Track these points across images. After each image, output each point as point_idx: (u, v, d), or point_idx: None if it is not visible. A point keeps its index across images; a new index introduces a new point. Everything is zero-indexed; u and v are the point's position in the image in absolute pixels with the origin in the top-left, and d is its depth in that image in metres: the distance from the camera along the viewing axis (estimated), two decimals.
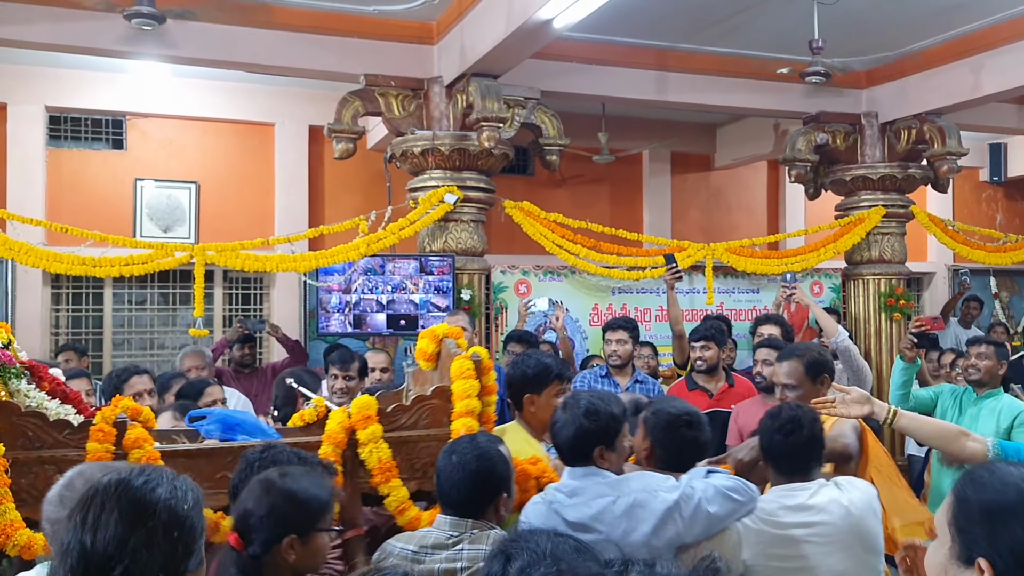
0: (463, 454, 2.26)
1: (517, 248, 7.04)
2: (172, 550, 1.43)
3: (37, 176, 6.99)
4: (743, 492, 2.32)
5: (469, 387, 2.67)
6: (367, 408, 2.62)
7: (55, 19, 5.08)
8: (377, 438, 2.59)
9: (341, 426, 2.59)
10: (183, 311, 7.46)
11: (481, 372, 2.72)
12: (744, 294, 6.99)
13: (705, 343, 4.72)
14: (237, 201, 7.63)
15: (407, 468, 2.64)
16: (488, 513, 2.26)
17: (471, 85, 5.46)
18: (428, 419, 2.67)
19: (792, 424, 2.49)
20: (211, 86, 7.27)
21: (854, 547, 2.38)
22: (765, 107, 6.93)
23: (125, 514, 1.41)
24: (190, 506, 1.48)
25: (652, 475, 2.36)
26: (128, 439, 2.43)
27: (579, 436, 2.35)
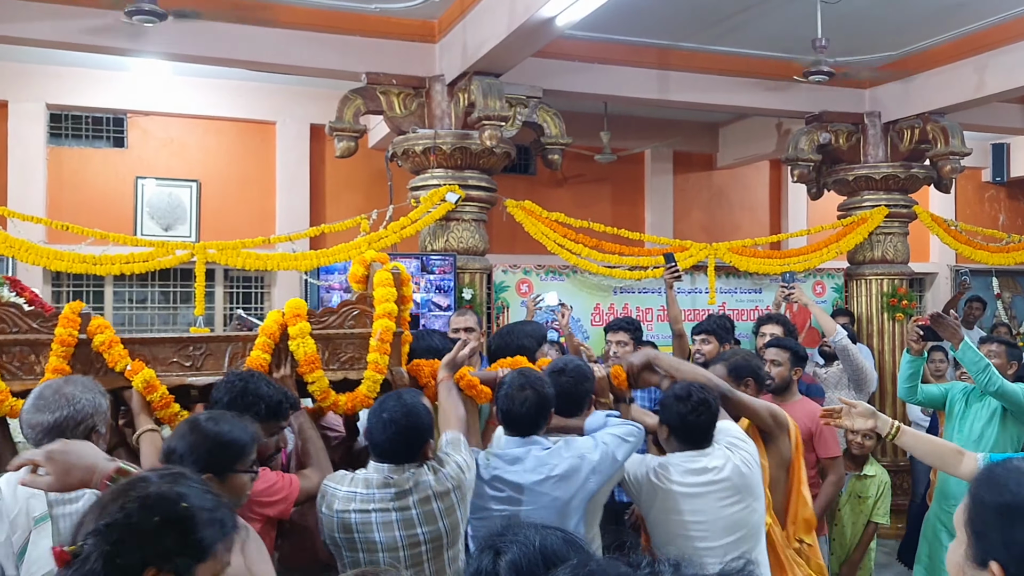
0: (392, 411, 2.55)
1: (519, 247, 7.03)
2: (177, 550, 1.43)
3: (38, 174, 6.99)
4: (635, 433, 2.89)
5: (388, 293, 3.07)
6: (298, 308, 3.02)
7: (56, 16, 5.07)
8: (305, 334, 2.97)
9: (275, 322, 2.99)
10: (184, 310, 7.45)
11: (400, 283, 3.14)
12: (746, 294, 6.98)
13: (705, 336, 4.72)
14: (238, 199, 7.62)
15: (334, 361, 3.06)
16: (418, 459, 2.57)
17: (473, 84, 5.45)
18: (353, 321, 3.08)
19: (703, 407, 2.91)
20: (212, 84, 7.26)
21: (745, 497, 2.88)
22: (768, 106, 6.91)
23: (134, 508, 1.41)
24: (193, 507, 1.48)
25: (577, 440, 2.83)
26: (91, 326, 2.87)
27: (538, 408, 2.79)
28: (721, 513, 2.84)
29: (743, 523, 2.87)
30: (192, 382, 2.93)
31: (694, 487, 2.85)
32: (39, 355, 2.84)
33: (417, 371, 3.19)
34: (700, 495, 2.84)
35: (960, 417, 4.15)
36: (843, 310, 6.80)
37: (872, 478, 4.55)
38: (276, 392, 2.67)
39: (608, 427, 2.87)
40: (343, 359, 3.06)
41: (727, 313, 6.43)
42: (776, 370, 4.20)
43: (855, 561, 4.48)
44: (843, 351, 5.19)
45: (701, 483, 2.85)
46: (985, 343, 4.39)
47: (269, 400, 2.62)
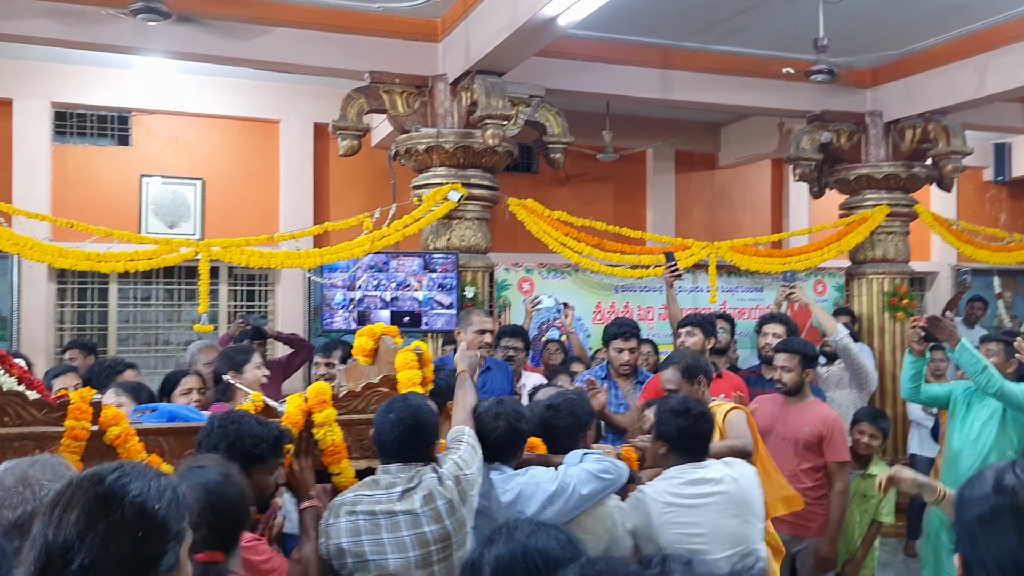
0: (399, 411, 2.58)
1: (521, 246, 7.05)
2: (136, 548, 1.39)
3: (43, 172, 7.02)
4: (612, 471, 2.79)
5: (413, 376, 2.98)
6: (322, 394, 2.87)
7: (61, 15, 5.10)
8: (331, 421, 2.84)
9: (299, 409, 2.83)
10: (188, 307, 7.48)
11: (423, 363, 3.05)
12: (747, 293, 7.00)
13: (691, 328, 4.69)
14: (242, 198, 7.65)
15: (357, 447, 2.91)
16: (424, 459, 2.59)
17: (475, 83, 5.47)
18: (377, 404, 2.89)
19: (703, 419, 2.94)
20: (216, 83, 7.29)
21: (744, 511, 2.87)
22: (769, 106, 6.92)
23: (88, 506, 1.38)
24: (163, 506, 1.44)
25: (536, 469, 2.78)
26: (105, 417, 2.64)
27: (509, 439, 2.79)
28: (721, 525, 2.81)
29: (743, 537, 2.85)
30: None
31: (693, 497, 2.83)
32: (45, 449, 2.47)
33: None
34: (699, 506, 2.82)
35: (962, 417, 4.17)
36: (844, 309, 6.82)
37: (876, 477, 4.57)
38: (265, 428, 2.53)
39: (583, 463, 2.81)
40: (365, 445, 2.90)
41: (728, 312, 6.45)
42: (787, 376, 4.20)
43: (859, 559, 4.49)
44: (844, 350, 5.21)
45: (700, 494, 2.84)
46: (984, 342, 4.41)
47: (258, 437, 2.47)
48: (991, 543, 1.25)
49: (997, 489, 1.29)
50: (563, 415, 3.04)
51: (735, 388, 4.57)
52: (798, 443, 4.14)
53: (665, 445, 2.95)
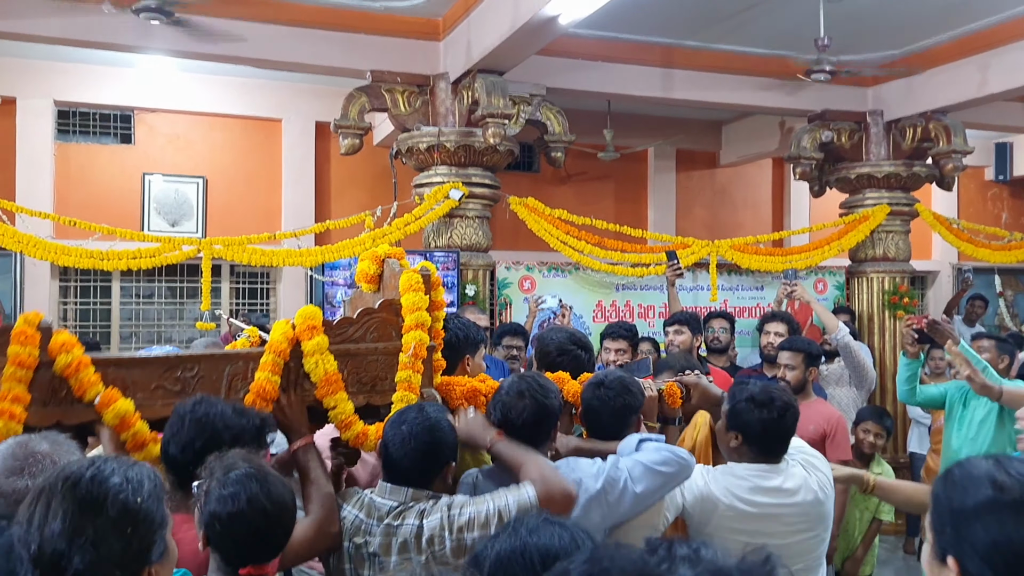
0: (412, 424, 2.22)
1: (522, 244, 7.07)
2: (127, 544, 1.39)
3: (45, 170, 7.04)
4: (674, 463, 2.32)
5: (418, 299, 2.56)
6: (312, 318, 2.47)
7: (64, 13, 5.12)
8: (323, 349, 2.46)
9: (284, 336, 2.44)
10: (190, 305, 7.51)
11: (430, 286, 2.62)
12: (748, 291, 7.01)
13: (678, 327, 4.70)
14: (244, 196, 7.68)
15: (354, 382, 2.53)
16: (435, 483, 2.24)
17: (477, 81, 5.49)
18: (376, 332, 2.57)
19: (788, 410, 2.52)
20: (219, 81, 7.32)
21: (816, 526, 2.54)
22: (770, 105, 6.93)
23: (72, 511, 1.36)
24: (144, 497, 1.43)
25: (579, 462, 2.37)
26: (55, 343, 2.25)
27: (536, 420, 2.37)
28: (787, 540, 2.47)
29: (807, 553, 2.54)
30: None
31: (763, 507, 2.46)
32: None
33: (448, 391, 2.69)
34: (768, 516, 2.46)
35: (959, 417, 4.18)
36: (844, 308, 6.83)
37: (878, 476, 4.58)
38: (245, 417, 2.16)
39: (639, 452, 2.36)
40: (364, 379, 2.54)
41: (728, 310, 6.47)
42: (791, 374, 4.21)
43: (859, 557, 4.51)
44: (844, 348, 5.22)
45: (772, 504, 2.47)
46: (975, 340, 4.43)
47: (238, 429, 2.10)
48: (990, 537, 1.25)
49: (993, 484, 1.29)
50: (610, 391, 2.62)
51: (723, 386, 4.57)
52: None
53: (740, 436, 2.55)
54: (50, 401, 2.25)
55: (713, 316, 5.61)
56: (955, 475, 1.35)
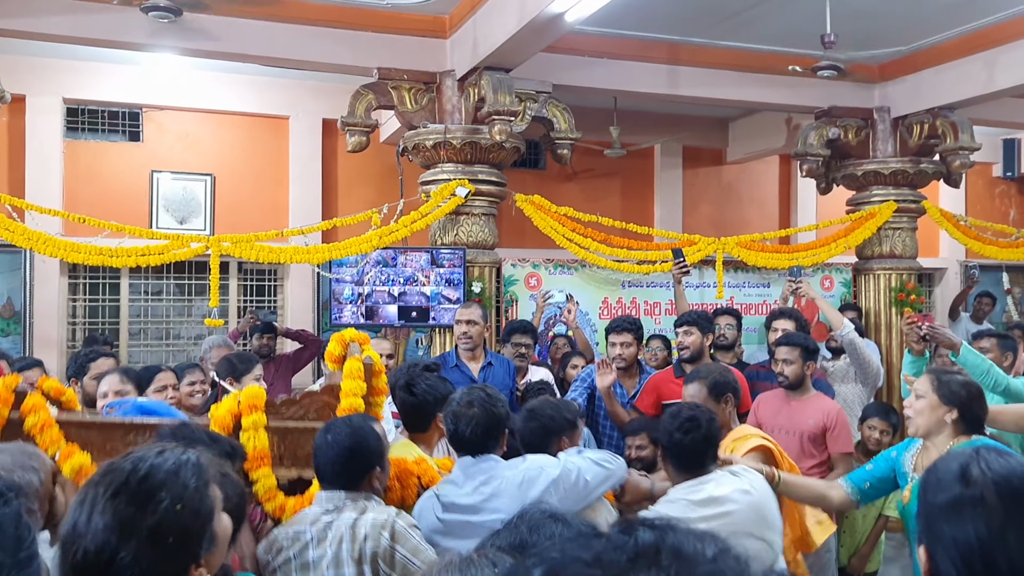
0: (337, 431, 2.43)
1: (528, 242, 7.08)
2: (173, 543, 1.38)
3: (55, 167, 7.08)
4: (612, 461, 2.69)
5: (356, 386, 2.81)
6: (255, 398, 2.76)
7: (73, 11, 5.15)
8: (258, 427, 2.71)
9: (229, 411, 2.74)
10: (198, 301, 7.54)
11: (371, 375, 2.89)
12: (754, 288, 7.01)
13: (688, 328, 4.69)
14: (252, 193, 7.71)
15: (290, 457, 2.78)
16: (363, 485, 2.41)
17: (483, 79, 5.50)
18: (315, 413, 2.81)
19: (692, 423, 2.71)
20: (226, 79, 7.34)
21: (759, 528, 2.62)
22: (777, 101, 6.92)
23: (119, 510, 1.36)
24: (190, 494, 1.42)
25: (537, 456, 2.65)
26: (26, 405, 2.66)
27: (485, 427, 2.61)
28: None
29: (758, 556, 2.57)
30: None
31: (700, 520, 2.51)
32: None
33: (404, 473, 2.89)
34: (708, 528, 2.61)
35: None
36: (851, 305, 6.82)
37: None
38: (220, 444, 2.38)
39: (584, 453, 2.70)
40: (299, 454, 2.77)
41: (735, 307, 6.47)
42: (788, 368, 4.22)
43: (864, 554, 4.51)
44: (850, 345, 5.22)
45: (709, 516, 2.55)
46: (976, 339, 4.42)
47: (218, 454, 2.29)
48: (955, 534, 1.26)
49: (962, 479, 1.31)
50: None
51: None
52: (803, 436, 4.16)
53: (662, 449, 2.85)
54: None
55: (720, 313, 5.61)
56: (936, 468, 1.37)
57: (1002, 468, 1.30)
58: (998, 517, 1.24)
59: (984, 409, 2.87)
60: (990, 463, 1.31)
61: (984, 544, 1.23)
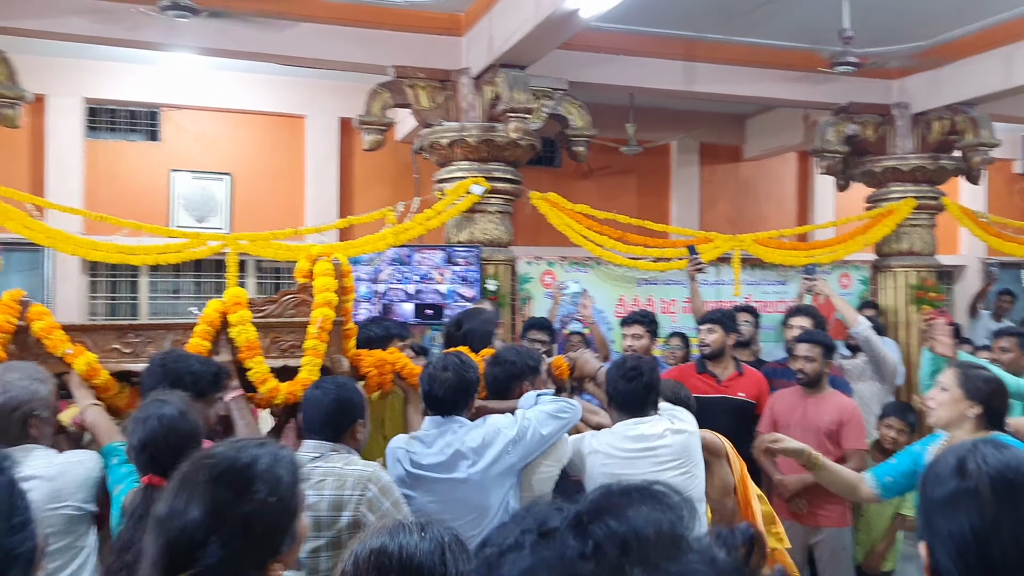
0: (326, 387, 2.70)
1: (543, 239, 7.08)
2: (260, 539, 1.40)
3: (76, 166, 7.15)
4: (568, 411, 2.94)
5: (327, 283, 3.18)
6: (238, 297, 3.12)
7: (92, 11, 5.20)
8: (245, 321, 3.06)
9: (216, 310, 3.07)
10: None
11: (340, 274, 3.24)
12: (771, 286, 6.97)
13: (711, 326, 4.71)
14: (269, 192, 7.75)
15: (274, 348, 3.14)
16: (346, 437, 2.64)
17: (499, 76, 5.50)
18: (293, 309, 3.18)
19: (634, 372, 3.01)
20: (244, 79, 7.39)
21: (684, 462, 2.97)
22: (795, 98, 6.88)
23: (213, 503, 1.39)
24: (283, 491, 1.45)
25: (496, 417, 2.89)
26: (31, 312, 2.93)
27: (456, 389, 2.86)
28: (659, 477, 2.75)
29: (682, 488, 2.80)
30: (131, 368, 2.97)
31: (631, 452, 2.94)
32: None
33: (358, 360, 3.34)
34: (636, 459, 2.93)
35: None
36: (869, 302, 6.77)
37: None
38: (205, 365, 2.76)
39: (538, 404, 2.93)
40: (283, 347, 3.14)
41: (752, 305, 6.44)
42: (809, 366, 4.21)
43: (880, 552, 4.48)
44: (866, 342, 5.19)
45: (638, 449, 2.94)
46: (998, 337, 4.38)
47: (199, 374, 2.69)
48: (950, 527, 1.26)
49: (958, 472, 1.30)
50: (501, 368, 3.18)
51: (756, 384, 4.58)
52: (819, 433, 4.14)
53: (609, 398, 3.11)
54: (28, 358, 2.82)
55: (737, 310, 5.60)
56: (935, 464, 1.38)
57: (997, 461, 1.30)
58: (991, 508, 1.24)
59: (1006, 406, 2.86)
60: (986, 456, 1.31)
61: (978, 536, 1.23)
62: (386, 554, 1.45)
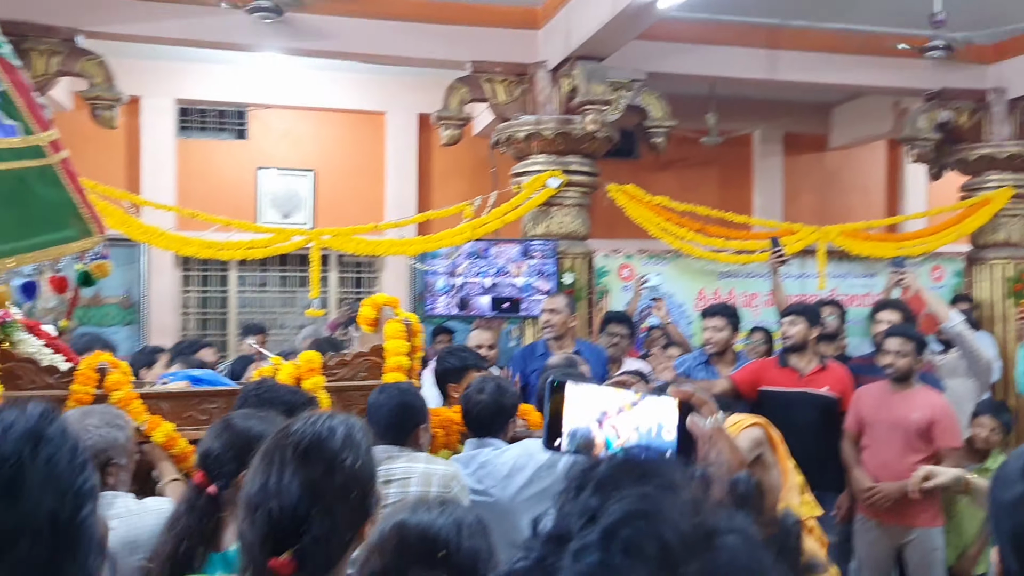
0: (389, 392, 2.75)
1: (621, 232, 7.02)
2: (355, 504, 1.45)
3: (168, 165, 7.46)
4: None
5: (400, 346, 3.12)
6: (312, 362, 3.06)
7: (183, 15, 5.41)
8: (319, 387, 3.00)
9: (290, 376, 3.00)
10: (301, 293, 7.81)
11: (411, 334, 3.18)
12: (858, 279, 6.75)
13: (793, 318, 4.57)
14: (350, 188, 7.92)
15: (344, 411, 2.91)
16: (410, 441, 2.66)
17: (576, 69, 5.49)
18: (365, 372, 3.12)
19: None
20: (326, 77, 7.56)
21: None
22: (884, 84, 6.65)
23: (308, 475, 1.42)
24: (364, 456, 1.50)
25: (529, 441, 2.86)
26: (108, 381, 2.85)
27: (492, 413, 2.87)
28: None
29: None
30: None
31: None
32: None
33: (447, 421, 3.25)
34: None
35: None
36: (963, 296, 6.50)
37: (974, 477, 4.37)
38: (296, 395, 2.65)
39: None
40: (352, 410, 2.93)
41: (838, 299, 6.25)
42: (900, 361, 4.07)
43: (972, 556, 4.31)
44: (958, 338, 4.98)
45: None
46: None
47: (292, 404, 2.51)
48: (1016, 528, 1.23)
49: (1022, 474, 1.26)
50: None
51: (840, 380, 4.44)
52: (908, 431, 4.00)
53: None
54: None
55: (821, 304, 5.45)
56: (1005, 465, 1.34)
57: None
58: None
59: None
60: None
61: None
62: (406, 527, 1.53)
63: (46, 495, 0.84)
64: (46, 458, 0.86)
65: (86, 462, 0.92)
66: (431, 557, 1.50)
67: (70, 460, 0.89)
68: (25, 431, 0.87)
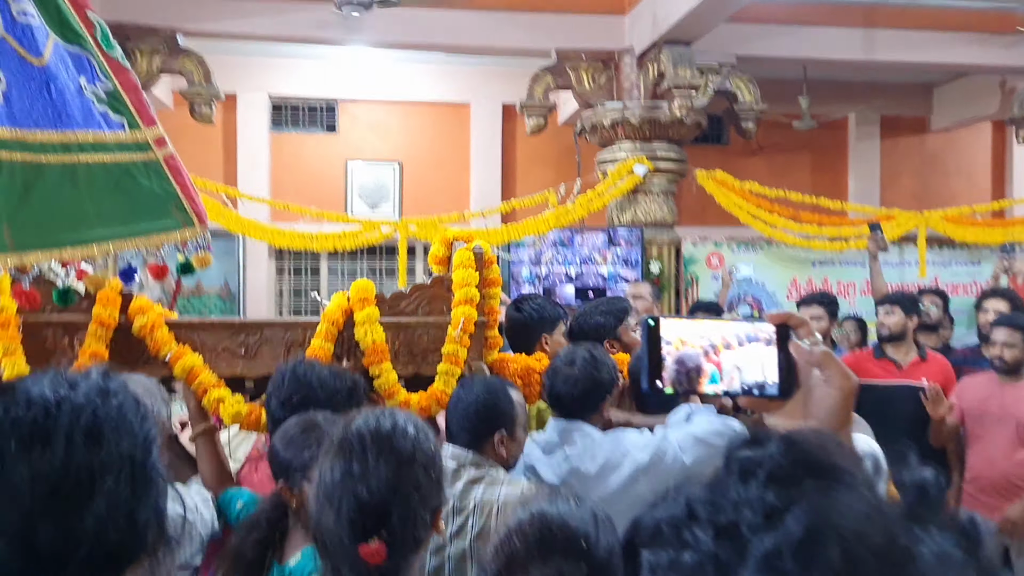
0: (472, 387, 2.30)
1: (710, 219, 6.89)
2: (430, 492, 1.48)
3: (263, 159, 7.69)
4: (726, 433, 2.20)
5: (468, 276, 2.64)
6: (365, 291, 2.61)
7: (275, 13, 5.57)
8: (373, 320, 2.57)
9: (339, 307, 2.60)
10: (389, 283, 7.95)
11: (482, 264, 2.71)
12: (962, 266, 6.45)
13: (889, 307, 4.38)
14: (436, 178, 8.01)
15: (406, 353, 2.63)
16: (487, 448, 2.20)
17: (663, 54, 5.40)
18: (428, 307, 2.68)
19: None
20: (413, 69, 7.66)
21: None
22: (990, 63, 6.33)
23: (390, 465, 1.45)
24: (435, 445, 1.54)
25: (627, 433, 2.35)
26: (133, 308, 2.50)
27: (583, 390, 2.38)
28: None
29: None
30: (244, 374, 2.56)
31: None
32: (74, 338, 2.46)
33: (501, 368, 2.80)
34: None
35: None
36: None
37: None
38: (342, 379, 2.27)
39: (690, 424, 2.32)
40: (414, 351, 2.64)
41: (940, 287, 5.99)
42: (1009, 352, 3.88)
43: None
44: None
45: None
46: None
47: (333, 389, 2.21)
48: None
49: None
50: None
51: (941, 371, 4.25)
52: (1019, 424, 3.80)
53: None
54: (129, 359, 2.47)
55: (922, 293, 5.23)
56: None
57: None
58: None
59: None
60: None
61: None
62: (548, 517, 1.46)
63: (122, 439, 0.92)
64: (116, 407, 0.94)
65: (147, 413, 0.98)
66: (573, 548, 1.46)
67: (136, 410, 0.96)
68: (94, 385, 0.94)
